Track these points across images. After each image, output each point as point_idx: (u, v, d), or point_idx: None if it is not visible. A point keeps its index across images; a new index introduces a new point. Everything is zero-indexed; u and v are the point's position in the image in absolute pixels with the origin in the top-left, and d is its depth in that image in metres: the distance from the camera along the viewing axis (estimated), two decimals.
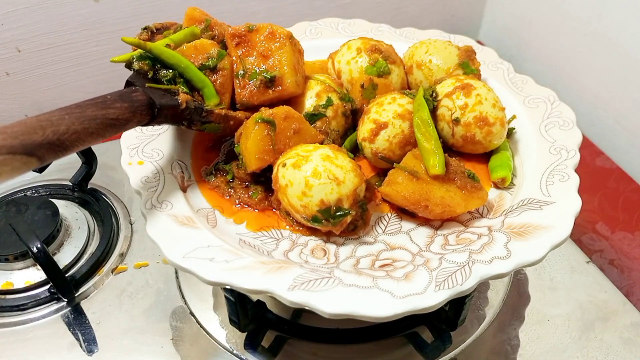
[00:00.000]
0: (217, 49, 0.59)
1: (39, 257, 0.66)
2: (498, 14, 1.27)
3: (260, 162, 0.55)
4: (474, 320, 0.69)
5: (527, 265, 0.49)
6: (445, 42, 0.69)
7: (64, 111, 0.46)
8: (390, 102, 0.60)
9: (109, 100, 0.50)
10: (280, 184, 0.53)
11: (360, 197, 0.54)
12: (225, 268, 0.48)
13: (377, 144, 0.59)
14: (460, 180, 0.55)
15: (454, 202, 0.54)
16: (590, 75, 1.05)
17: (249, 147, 0.55)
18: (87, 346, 0.66)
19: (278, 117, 0.55)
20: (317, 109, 0.62)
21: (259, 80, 0.59)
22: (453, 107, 0.60)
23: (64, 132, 0.45)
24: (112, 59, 0.57)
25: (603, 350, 0.66)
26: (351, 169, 0.53)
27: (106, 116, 0.48)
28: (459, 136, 0.61)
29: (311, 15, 1.12)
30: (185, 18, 0.64)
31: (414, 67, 0.68)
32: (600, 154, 1.00)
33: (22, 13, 0.92)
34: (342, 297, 0.46)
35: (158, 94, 0.54)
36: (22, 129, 0.42)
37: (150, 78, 0.57)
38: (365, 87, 0.65)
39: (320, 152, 0.53)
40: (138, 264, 0.75)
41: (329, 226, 0.52)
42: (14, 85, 0.99)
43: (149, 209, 0.54)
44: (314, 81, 0.64)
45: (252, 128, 0.55)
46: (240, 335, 0.67)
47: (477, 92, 0.60)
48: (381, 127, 0.59)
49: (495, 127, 0.60)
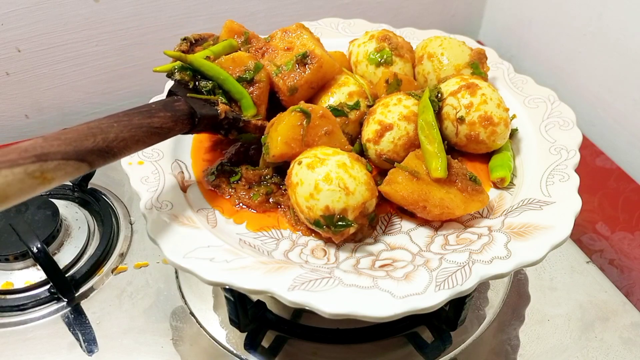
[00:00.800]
0: (254, 61, 0.61)
1: (39, 257, 0.66)
2: (498, 14, 1.27)
3: (286, 148, 0.55)
4: (474, 320, 0.69)
5: (527, 265, 0.49)
6: (460, 41, 0.70)
7: (112, 119, 0.47)
8: (396, 103, 0.60)
9: (153, 109, 0.51)
10: (292, 181, 0.53)
11: (368, 211, 0.53)
12: (226, 268, 0.48)
13: (382, 146, 0.59)
14: (462, 183, 0.55)
15: (453, 204, 0.54)
16: (590, 75, 1.05)
17: (279, 130, 0.55)
18: (87, 346, 0.66)
19: (315, 112, 0.56)
20: (342, 106, 0.61)
21: (293, 63, 0.61)
22: (458, 105, 0.60)
23: (113, 139, 0.46)
24: (155, 69, 0.59)
25: (603, 350, 0.66)
26: (364, 182, 0.52)
27: (151, 125, 0.50)
28: (462, 135, 0.61)
29: (311, 15, 1.12)
30: (224, 30, 0.66)
31: (425, 57, 0.68)
32: (600, 154, 1.00)
33: (22, 13, 0.92)
34: (342, 297, 0.46)
35: (199, 103, 0.56)
36: (74, 135, 0.44)
37: (191, 88, 0.58)
38: (390, 83, 0.64)
39: (337, 158, 0.52)
40: (138, 264, 0.75)
41: (329, 233, 0.52)
42: (14, 85, 0.99)
43: (149, 209, 0.54)
44: (353, 79, 0.64)
45: (288, 114, 0.56)
46: (240, 335, 0.67)
47: (483, 91, 0.60)
48: (386, 128, 0.58)
49: (499, 127, 0.60)
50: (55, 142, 0.42)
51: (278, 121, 0.57)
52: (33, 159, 0.40)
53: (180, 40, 0.64)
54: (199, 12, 1.04)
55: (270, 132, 0.57)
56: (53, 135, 0.43)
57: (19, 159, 0.39)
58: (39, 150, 0.41)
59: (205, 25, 1.05)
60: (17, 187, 0.39)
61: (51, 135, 0.43)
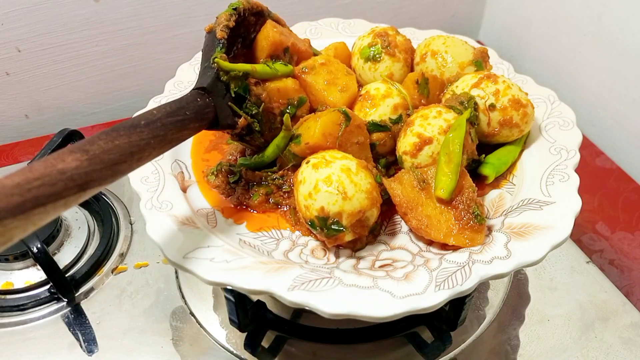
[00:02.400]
0: (298, 96, 0.59)
1: (39, 257, 0.66)
2: (498, 14, 1.27)
3: (322, 139, 0.55)
4: (474, 320, 0.69)
5: (527, 265, 0.49)
6: (463, 40, 0.70)
7: (149, 133, 0.45)
8: (436, 116, 0.58)
9: (187, 119, 0.49)
10: (297, 178, 0.54)
11: (368, 222, 0.52)
12: (225, 268, 0.48)
13: (420, 159, 0.57)
14: (463, 212, 0.53)
15: (435, 226, 0.52)
16: (590, 75, 1.05)
17: (321, 121, 0.55)
18: (87, 346, 0.66)
19: (355, 119, 0.57)
20: (385, 122, 0.60)
21: None
22: (485, 95, 0.60)
23: (147, 156, 0.45)
24: (219, 63, 0.54)
25: (603, 350, 0.66)
26: (365, 190, 0.51)
27: (180, 138, 0.49)
28: (495, 122, 0.60)
29: (311, 15, 1.12)
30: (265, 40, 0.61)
31: (429, 55, 0.68)
32: (600, 154, 1.00)
33: (22, 13, 0.92)
34: (342, 297, 0.46)
35: (226, 112, 0.55)
36: (116, 157, 0.42)
37: (233, 97, 0.55)
38: (419, 83, 0.65)
39: (343, 162, 0.52)
40: (138, 264, 0.75)
41: (323, 236, 0.52)
42: (14, 85, 0.99)
43: (149, 209, 0.54)
44: (396, 91, 0.62)
45: (330, 111, 0.57)
46: (240, 335, 0.67)
47: (502, 79, 0.62)
48: (425, 142, 0.56)
49: (528, 108, 0.61)
50: (98, 166, 0.40)
51: (319, 114, 0.57)
52: (76, 189, 0.38)
53: (230, 10, 0.58)
54: (199, 12, 1.04)
55: (309, 122, 0.57)
56: (96, 158, 0.40)
57: (64, 190, 0.37)
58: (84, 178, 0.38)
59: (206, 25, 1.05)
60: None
61: (95, 156, 0.40)
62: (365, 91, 0.63)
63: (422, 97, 0.65)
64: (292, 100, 0.59)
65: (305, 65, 0.62)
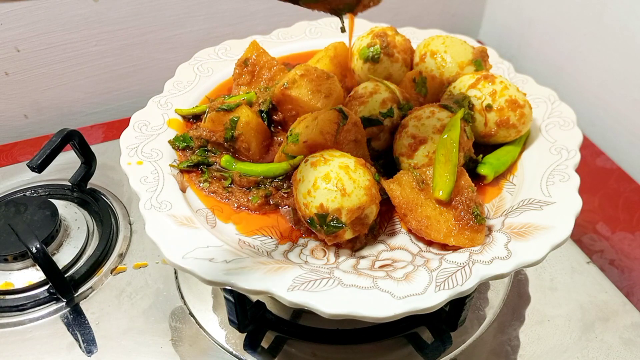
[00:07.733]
0: (229, 119, 0.61)
1: (38, 257, 0.65)
2: (498, 14, 1.27)
3: (320, 137, 0.55)
4: (474, 320, 0.69)
5: (527, 265, 0.49)
6: (462, 40, 0.70)
7: None
8: (429, 115, 0.58)
9: None
10: (296, 177, 0.54)
11: (367, 220, 0.52)
12: (225, 268, 0.48)
13: (416, 160, 0.57)
14: (463, 212, 0.53)
15: (434, 227, 0.52)
16: (591, 75, 1.05)
17: (319, 119, 0.56)
18: (86, 346, 0.66)
19: (351, 117, 0.57)
20: (376, 116, 0.60)
21: None
22: (482, 95, 0.60)
23: None
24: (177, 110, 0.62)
25: (603, 350, 0.66)
26: (364, 187, 0.51)
27: None
28: (492, 123, 0.60)
29: (311, 15, 1.11)
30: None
31: (428, 55, 0.68)
32: (601, 154, 1.00)
33: (22, 13, 0.92)
34: (342, 298, 0.46)
35: None
36: None
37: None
38: (417, 81, 0.65)
39: (341, 160, 0.52)
40: (137, 264, 0.75)
41: (322, 234, 0.52)
42: (13, 85, 0.99)
43: (148, 209, 0.54)
44: (383, 86, 0.62)
45: (326, 111, 0.57)
46: (239, 335, 0.66)
47: (500, 79, 0.61)
48: (420, 142, 0.57)
49: (525, 108, 0.61)
50: None
51: (315, 114, 0.57)
52: None
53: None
54: (199, 11, 1.04)
55: (307, 121, 0.57)
56: None
57: None
58: None
59: (205, 24, 1.05)
60: None
61: None
62: (354, 91, 0.64)
63: (420, 96, 0.65)
64: (227, 125, 0.62)
65: (286, 81, 0.62)
